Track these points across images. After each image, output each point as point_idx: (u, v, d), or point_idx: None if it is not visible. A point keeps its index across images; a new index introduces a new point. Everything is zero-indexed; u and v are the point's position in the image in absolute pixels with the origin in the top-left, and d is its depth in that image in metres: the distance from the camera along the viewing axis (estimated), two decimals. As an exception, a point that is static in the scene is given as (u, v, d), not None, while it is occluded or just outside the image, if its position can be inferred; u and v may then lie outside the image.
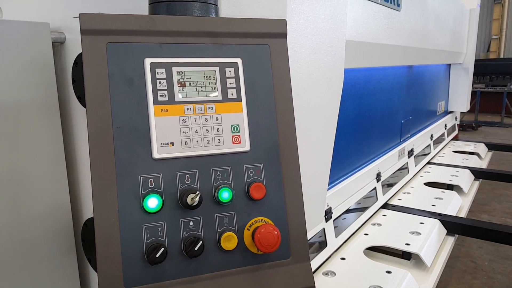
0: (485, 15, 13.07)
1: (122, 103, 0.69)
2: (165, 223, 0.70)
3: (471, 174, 2.80)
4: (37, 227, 1.08)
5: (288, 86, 0.80)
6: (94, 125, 0.67)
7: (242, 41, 0.77)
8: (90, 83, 0.67)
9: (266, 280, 0.75)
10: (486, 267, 2.89)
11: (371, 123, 2.11)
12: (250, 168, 0.76)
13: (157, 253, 0.67)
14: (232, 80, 0.76)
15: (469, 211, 2.40)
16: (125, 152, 0.68)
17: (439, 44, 2.71)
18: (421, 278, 1.55)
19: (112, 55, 0.69)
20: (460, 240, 3.23)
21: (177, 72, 0.72)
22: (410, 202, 2.21)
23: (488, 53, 13.32)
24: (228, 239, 0.73)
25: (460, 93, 3.76)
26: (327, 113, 1.28)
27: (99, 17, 0.68)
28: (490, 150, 3.70)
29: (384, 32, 1.77)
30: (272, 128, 0.78)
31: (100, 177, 0.67)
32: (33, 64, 1.05)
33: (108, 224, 0.67)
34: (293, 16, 1.04)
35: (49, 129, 1.09)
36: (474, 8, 3.56)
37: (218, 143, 0.74)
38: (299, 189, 0.79)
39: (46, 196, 1.09)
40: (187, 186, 0.71)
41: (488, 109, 10.69)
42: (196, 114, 0.73)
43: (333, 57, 1.26)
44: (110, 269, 0.67)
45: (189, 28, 0.73)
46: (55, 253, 1.12)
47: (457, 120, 4.09)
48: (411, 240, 1.71)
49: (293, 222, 0.78)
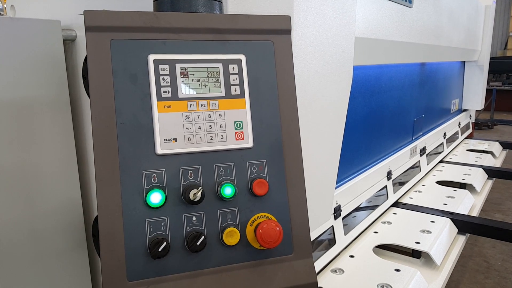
0: (502, 12, 12.84)
1: (126, 99, 0.70)
2: (168, 218, 0.71)
3: (484, 173, 2.76)
4: (49, 222, 1.10)
5: (292, 83, 0.80)
6: (98, 121, 0.68)
7: (245, 38, 0.77)
8: (94, 79, 0.68)
9: (268, 276, 0.75)
10: (499, 266, 2.85)
11: (382, 121, 2.10)
12: (253, 164, 0.76)
13: (160, 248, 0.68)
14: (236, 76, 0.76)
15: (483, 210, 2.38)
16: (129, 147, 0.69)
17: (453, 41, 2.67)
18: (430, 276, 1.54)
19: (116, 51, 0.70)
20: (473, 240, 3.19)
21: (181, 69, 0.73)
22: (421, 201, 2.19)
23: (505, 51, 13.09)
24: (231, 235, 0.73)
25: (475, 91, 3.71)
26: (335, 110, 1.28)
27: (103, 14, 0.69)
28: (505, 149, 3.64)
29: (395, 29, 1.76)
30: (275, 125, 0.78)
31: (104, 173, 0.68)
32: (45, 61, 1.07)
33: (111, 218, 0.68)
34: (300, 12, 1.04)
35: (60, 126, 1.11)
36: (489, 5, 3.50)
37: (221, 139, 0.75)
38: (302, 186, 0.79)
39: (57, 192, 1.11)
40: (190, 182, 0.72)
41: (504, 107, 10.52)
42: (200, 110, 0.74)
43: (342, 54, 1.26)
44: (114, 263, 0.68)
45: (192, 25, 0.74)
46: (66, 248, 1.14)
47: (471, 119, 4.03)
48: (421, 238, 1.70)
49: (296, 218, 0.78)
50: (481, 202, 2.38)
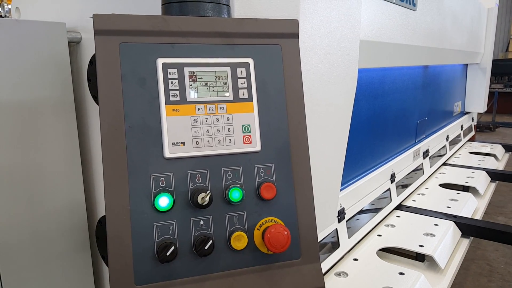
0: (504, 14, 12.85)
1: (135, 103, 0.70)
2: (176, 222, 0.70)
3: (487, 175, 2.76)
4: (53, 223, 1.10)
5: (300, 87, 0.80)
6: (107, 124, 0.68)
7: (253, 41, 0.77)
8: (103, 83, 0.68)
9: (276, 280, 0.75)
10: (502, 270, 2.85)
11: (386, 124, 2.09)
12: (260, 168, 0.76)
13: (168, 252, 0.68)
14: (244, 80, 0.76)
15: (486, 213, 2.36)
16: (137, 151, 0.69)
17: (456, 44, 2.67)
18: (434, 280, 1.53)
19: (125, 55, 0.69)
20: (476, 243, 3.19)
21: (189, 72, 0.73)
22: (424, 204, 2.19)
23: (507, 53, 13.09)
24: (238, 239, 0.73)
25: (477, 93, 3.71)
26: (340, 113, 1.28)
27: (112, 18, 0.69)
28: (507, 152, 3.64)
29: (399, 32, 1.76)
30: (283, 128, 0.78)
31: (112, 176, 0.68)
32: (50, 63, 1.07)
33: (119, 222, 0.67)
34: (306, 16, 1.04)
35: (65, 128, 1.11)
36: (492, 7, 3.50)
37: (229, 143, 0.75)
38: (310, 190, 0.79)
39: (61, 194, 1.11)
40: (198, 186, 0.72)
41: (506, 110, 10.53)
42: (208, 114, 0.74)
43: (347, 57, 1.26)
44: (121, 267, 0.67)
45: (201, 29, 0.74)
46: (69, 250, 1.14)
47: (473, 121, 4.03)
48: (425, 241, 1.69)
49: (304, 223, 0.78)
50: (485, 205, 2.38)
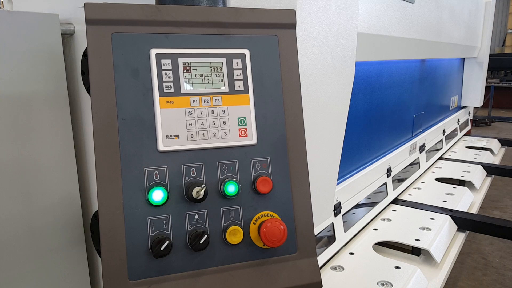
0: (500, 8, 12.83)
1: (127, 95, 0.68)
2: (170, 216, 0.69)
3: (483, 170, 2.76)
4: (47, 218, 1.08)
5: (297, 79, 0.79)
6: (99, 117, 0.66)
7: (249, 32, 0.76)
8: (95, 74, 0.66)
9: (272, 275, 0.74)
10: (497, 263, 2.85)
11: (382, 118, 2.08)
12: (256, 162, 0.75)
13: (162, 246, 0.66)
14: (239, 71, 0.75)
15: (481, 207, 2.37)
16: (130, 144, 0.68)
17: (453, 38, 2.66)
18: (430, 274, 1.53)
19: (117, 45, 0.68)
20: (471, 236, 3.19)
21: (183, 63, 0.71)
22: (420, 198, 2.18)
23: (503, 48, 13.09)
24: (234, 233, 0.72)
25: (474, 88, 3.70)
26: (337, 106, 1.27)
27: (104, 7, 0.67)
28: (503, 146, 3.64)
29: (397, 24, 1.75)
30: (279, 121, 0.76)
31: (104, 169, 0.66)
32: (43, 55, 1.05)
33: (112, 216, 0.66)
34: (303, 7, 1.02)
35: (58, 121, 1.09)
36: (489, 1, 3.49)
37: (225, 136, 0.73)
38: (307, 184, 0.78)
39: (55, 188, 1.10)
40: (192, 179, 0.71)
41: (502, 104, 10.54)
42: (202, 106, 0.72)
43: (344, 49, 1.24)
44: (115, 262, 0.66)
45: (195, 18, 0.72)
46: (64, 244, 1.13)
47: (470, 115, 4.03)
48: (421, 235, 1.69)
49: (300, 217, 0.77)
50: (480, 199, 2.38)
